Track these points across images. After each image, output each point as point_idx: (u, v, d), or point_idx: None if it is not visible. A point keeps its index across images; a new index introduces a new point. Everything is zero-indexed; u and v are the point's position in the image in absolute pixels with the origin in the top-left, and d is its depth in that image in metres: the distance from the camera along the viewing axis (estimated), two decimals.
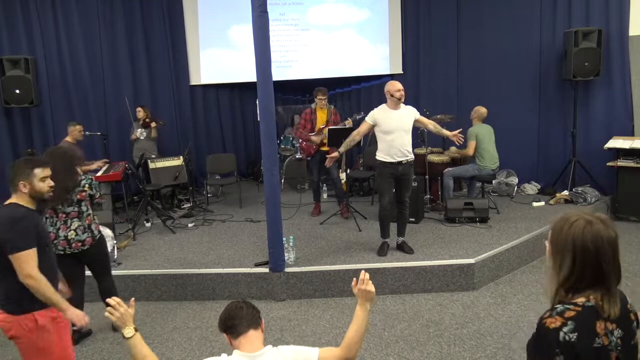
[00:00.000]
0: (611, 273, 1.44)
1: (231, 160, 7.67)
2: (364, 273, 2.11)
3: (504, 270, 4.93)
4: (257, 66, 4.32)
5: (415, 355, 3.62)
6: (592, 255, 1.42)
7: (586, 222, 1.45)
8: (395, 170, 4.74)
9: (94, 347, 3.90)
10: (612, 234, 1.45)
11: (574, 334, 1.38)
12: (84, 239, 3.76)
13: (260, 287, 4.64)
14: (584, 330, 1.39)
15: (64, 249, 3.73)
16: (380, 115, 4.74)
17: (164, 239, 5.75)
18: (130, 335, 1.95)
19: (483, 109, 6.25)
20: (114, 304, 1.96)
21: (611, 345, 1.43)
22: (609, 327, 1.44)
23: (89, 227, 3.80)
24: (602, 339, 1.41)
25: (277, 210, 4.51)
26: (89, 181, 3.80)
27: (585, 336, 1.39)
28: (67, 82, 7.27)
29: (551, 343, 1.39)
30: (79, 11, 7.25)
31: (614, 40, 6.58)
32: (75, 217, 3.74)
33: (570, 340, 1.38)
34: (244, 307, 2.01)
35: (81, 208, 3.76)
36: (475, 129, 6.15)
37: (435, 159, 6.46)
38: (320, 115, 6.18)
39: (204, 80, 8.25)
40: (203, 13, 8.08)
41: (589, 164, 6.67)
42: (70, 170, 3.66)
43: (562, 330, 1.38)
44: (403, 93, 4.70)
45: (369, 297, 2.09)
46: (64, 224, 3.73)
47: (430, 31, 7.78)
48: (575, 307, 1.42)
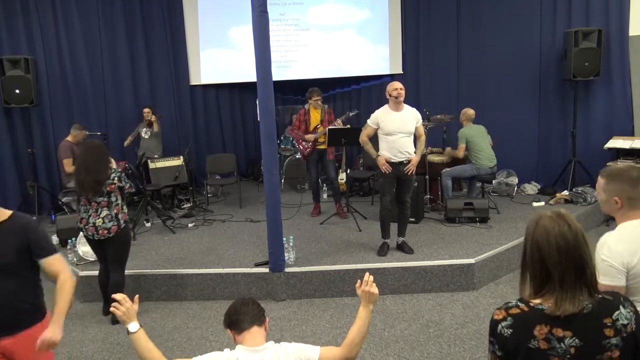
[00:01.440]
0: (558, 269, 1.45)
1: (231, 160, 7.67)
2: (368, 275, 2.11)
3: (504, 270, 4.93)
4: (257, 66, 4.31)
5: (415, 355, 3.62)
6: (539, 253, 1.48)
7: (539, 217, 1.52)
8: (396, 170, 4.73)
9: (94, 347, 3.90)
10: (564, 229, 1.46)
11: (509, 329, 1.47)
12: (109, 226, 4.07)
13: (260, 287, 4.64)
14: (520, 329, 1.46)
15: (92, 235, 4.09)
16: (381, 116, 4.71)
17: (164, 239, 5.75)
18: (135, 330, 2.02)
19: (470, 110, 6.29)
20: (120, 299, 2.04)
21: (554, 350, 1.43)
22: (557, 333, 1.44)
23: (116, 216, 4.11)
24: (539, 342, 1.44)
25: (277, 210, 4.51)
26: (118, 174, 4.12)
27: (519, 335, 1.45)
28: (67, 82, 7.27)
29: (491, 331, 1.52)
30: (79, 11, 7.25)
31: (614, 40, 6.58)
32: (105, 206, 4.08)
33: (503, 334, 1.47)
34: (249, 304, 2.06)
35: (110, 198, 4.09)
36: (465, 131, 6.17)
37: (435, 159, 6.47)
38: (314, 115, 6.18)
39: (204, 81, 8.25)
40: (203, 13, 8.08)
41: (589, 164, 6.67)
42: (103, 165, 4.04)
43: (500, 324, 1.48)
44: (401, 92, 4.63)
45: (372, 299, 2.09)
46: (95, 211, 4.07)
47: (430, 31, 7.78)
48: (524, 307, 1.48)
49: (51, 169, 7.15)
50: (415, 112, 4.80)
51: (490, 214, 5.83)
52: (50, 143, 7.14)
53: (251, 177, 8.67)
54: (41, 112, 7.07)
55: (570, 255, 1.45)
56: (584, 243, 1.47)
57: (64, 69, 7.23)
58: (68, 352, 3.84)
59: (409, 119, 4.71)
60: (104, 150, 4.17)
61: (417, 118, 4.78)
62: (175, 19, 8.00)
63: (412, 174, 4.79)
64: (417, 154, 4.80)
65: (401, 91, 4.63)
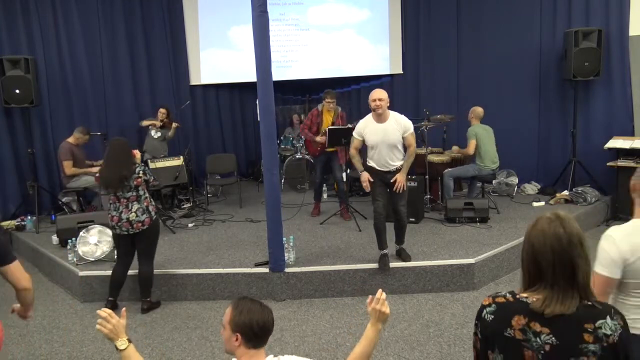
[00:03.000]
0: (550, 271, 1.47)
1: (231, 160, 7.67)
2: (381, 292, 1.95)
3: (504, 270, 4.93)
4: (257, 66, 4.32)
5: (415, 355, 3.62)
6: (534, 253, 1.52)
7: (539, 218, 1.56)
8: (383, 177, 4.50)
9: (94, 347, 3.90)
10: (559, 231, 1.48)
11: (491, 315, 1.57)
12: (143, 219, 4.21)
13: (260, 287, 4.64)
14: (500, 316, 1.55)
15: (127, 230, 4.20)
16: (364, 128, 4.46)
17: (164, 239, 5.73)
18: (124, 348, 1.89)
19: (479, 108, 6.26)
20: (106, 316, 1.89)
21: (528, 343, 1.49)
22: (534, 328, 1.48)
23: (147, 208, 4.25)
24: (514, 331, 1.51)
25: (277, 210, 4.51)
26: (142, 168, 4.25)
27: (498, 321, 1.54)
28: (67, 82, 7.26)
29: (477, 315, 1.62)
30: (79, 11, 7.25)
31: (614, 40, 6.58)
32: (134, 200, 4.21)
33: (486, 319, 1.58)
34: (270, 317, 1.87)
35: (139, 192, 4.23)
36: (475, 129, 6.16)
37: (435, 159, 6.46)
38: (326, 117, 6.15)
39: (204, 81, 8.25)
40: (203, 13, 8.08)
41: (589, 164, 6.67)
42: (127, 160, 4.19)
43: (485, 309, 1.59)
44: (379, 103, 4.27)
45: (382, 318, 1.94)
46: (125, 207, 4.19)
47: (430, 31, 7.78)
48: (509, 298, 1.57)
49: (51, 169, 7.14)
50: (403, 120, 4.42)
51: (490, 214, 5.83)
52: (50, 143, 7.14)
53: (251, 177, 8.67)
54: (41, 112, 7.07)
55: (562, 257, 1.47)
56: (578, 246, 1.48)
57: (64, 69, 7.23)
58: (68, 352, 3.84)
59: (392, 130, 4.37)
60: (127, 147, 4.30)
61: (405, 127, 4.40)
62: (175, 19, 8.00)
63: (403, 190, 4.48)
64: (403, 169, 4.48)
65: (380, 102, 4.28)
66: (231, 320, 1.81)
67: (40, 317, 4.45)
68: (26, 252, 5.90)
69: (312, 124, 6.17)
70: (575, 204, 6.34)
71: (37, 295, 4.89)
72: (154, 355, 3.77)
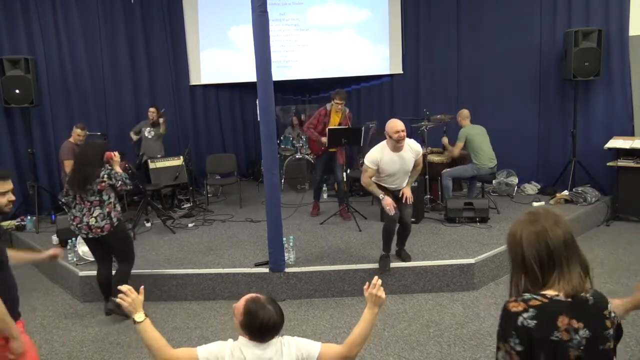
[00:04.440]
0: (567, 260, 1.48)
1: (231, 160, 7.67)
2: (377, 278, 2.13)
3: (504, 270, 4.92)
4: (257, 66, 4.31)
5: (415, 355, 3.62)
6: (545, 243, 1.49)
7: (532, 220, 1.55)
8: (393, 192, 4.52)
9: (94, 347, 3.90)
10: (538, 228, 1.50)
11: (532, 321, 1.43)
12: (102, 225, 4.07)
13: (260, 287, 4.63)
14: (544, 320, 1.43)
15: (86, 234, 4.11)
16: (381, 158, 4.33)
17: (164, 239, 5.75)
18: (141, 320, 2.10)
19: (465, 110, 6.33)
20: (126, 290, 2.13)
21: (572, 342, 1.44)
22: (574, 325, 1.45)
23: (108, 214, 4.10)
24: (561, 333, 1.43)
25: (277, 210, 4.51)
26: (107, 172, 4.07)
27: (544, 326, 1.42)
28: (67, 82, 7.26)
29: (509, 325, 1.45)
30: (79, 11, 7.25)
31: (614, 40, 6.58)
32: (97, 205, 4.07)
33: (527, 325, 1.43)
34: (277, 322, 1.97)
35: (102, 197, 4.08)
36: (466, 130, 6.17)
37: (435, 159, 6.46)
38: (334, 118, 6.11)
39: (204, 81, 8.25)
40: (203, 13, 8.08)
41: (589, 164, 6.67)
42: (94, 163, 4.03)
43: (521, 315, 1.44)
44: (402, 134, 4.22)
45: (378, 302, 2.09)
46: (88, 211, 4.07)
47: (430, 31, 7.78)
48: (542, 298, 1.47)
49: (51, 169, 7.15)
50: (415, 146, 4.43)
51: (490, 214, 5.83)
52: (50, 143, 7.14)
53: (251, 177, 8.67)
54: (41, 112, 7.07)
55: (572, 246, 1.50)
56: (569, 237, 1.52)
57: (64, 69, 7.23)
58: (68, 352, 3.84)
59: (408, 157, 4.38)
60: (99, 149, 4.14)
61: (417, 152, 4.43)
62: (175, 19, 8.00)
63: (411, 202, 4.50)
64: (408, 183, 4.52)
65: (403, 134, 4.23)
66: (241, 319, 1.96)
67: (40, 317, 4.45)
68: None
69: (318, 123, 6.12)
70: (575, 204, 6.34)
71: (38, 296, 4.91)
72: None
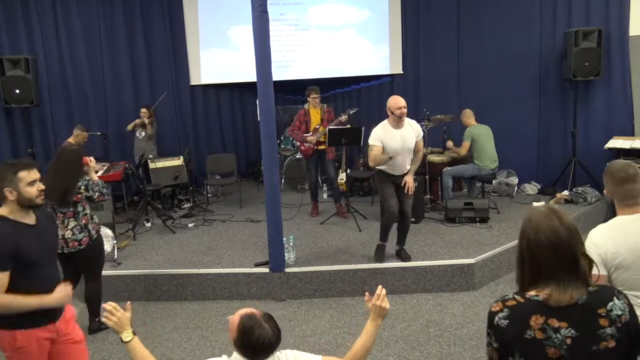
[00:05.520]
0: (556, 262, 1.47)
1: (231, 160, 7.67)
2: (381, 288, 2.03)
3: (504, 270, 4.93)
4: (257, 66, 4.32)
5: (415, 355, 3.62)
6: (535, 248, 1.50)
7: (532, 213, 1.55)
8: (395, 179, 4.57)
9: (93, 347, 3.90)
10: (556, 224, 1.49)
11: (505, 320, 1.50)
12: (80, 238, 3.83)
13: (260, 287, 4.64)
14: (516, 319, 1.49)
15: (61, 248, 3.77)
16: (384, 135, 4.42)
17: (164, 239, 5.75)
18: (129, 339, 1.95)
19: (468, 110, 6.34)
20: (111, 309, 1.95)
21: (550, 341, 1.46)
22: (552, 324, 1.46)
23: (85, 226, 3.85)
24: (534, 332, 1.47)
25: (277, 210, 4.51)
26: (84, 183, 3.81)
27: (515, 325, 1.48)
28: (67, 82, 7.26)
29: (488, 324, 1.55)
30: (79, 11, 7.25)
31: (614, 40, 6.58)
32: (71, 217, 3.80)
33: (500, 325, 1.50)
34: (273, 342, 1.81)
35: (77, 209, 3.82)
36: (473, 130, 6.16)
37: (435, 159, 6.46)
38: (314, 115, 6.17)
39: (204, 80, 8.24)
40: (203, 13, 8.07)
41: (589, 164, 6.67)
42: (76, 175, 3.77)
43: (497, 315, 1.52)
44: (404, 111, 4.37)
45: (382, 314, 2.00)
46: (61, 223, 3.77)
47: (431, 31, 7.77)
48: (520, 299, 1.52)
49: None
50: (416, 125, 4.56)
51: (491, 214, 5.83)
52: (50, 143, 7.14)
53: (251, 177, 8.66)
54: (41, 112, 7.07)
55: (562, 250, 1.48)
56: (576, 236, 1.50)
57: (64, 69, 7.23)
58: None
59: (409, 135, 4.46)
60: (78, 158, 3.82)
61: (418, 132, 4.53)
62: (175, 19, 7.99)
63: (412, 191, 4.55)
64: (410, 171, 4.56)
65: (404, 110, 4.38)
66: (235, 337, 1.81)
67: None
68: None
69: (300, 124, 6.17)
70: (575, 204, 6.34)
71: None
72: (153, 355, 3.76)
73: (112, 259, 4.94)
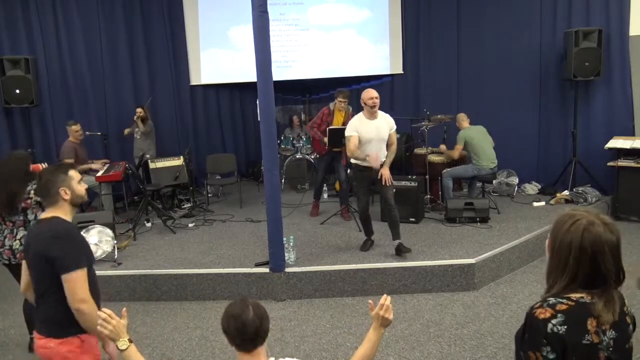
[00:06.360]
0: (608, 277, 1.41)
1: (231, 160, 7.67)
2: (386, 297, 1.95)
3: (505, 270, 4.93)
4: (257, 66, 4.31)
5: (415, 355, 3.61)
6: (588, 257, 1.40)
7: (588, 223, 1.43)
8: (369, 173, 4.80)
9: None
10: (613, 239, 1.43)
11: (563, 326, 1.38)
12: None
13: (261, 287, 4.63)
14: (574, 324, 1.39)
15: (9, 259, 3.55)
16: (359, 125, 4.74)
17: (164, 239, 5.75)
18: (125, 348, 1.89)
19: (461, 114, 6.37)
20: (105, 317, 1.89)
21: (602, 344, 1.41)
22: (602, 327, 1.42)
23: None
24: (592, 336, 1.39)
25: (277, 210, 4.51)
26: (34, 187, 3.45)
27: (575, 331, 1.38)
28: (67, 82, 7.26)
29: (539, 333, 1.39)
30: (79, 11, 7.25)
31: (614, 40, 6.58)
32: (21, 226, 3.53)
33: (558, 332, 1.38)
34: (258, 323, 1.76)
35: (27, 217, 3.55)
36: (465, 132, 6.16)
37: (435, 159, 6.46)
38: (337, 117, 6.11)
39: (204, 80, 8.25)
40: (203, 13, 8.08)
41: (590, 164, 6.67)
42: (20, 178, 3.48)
43: (551, 322, 1.39)
44: (376, 101, 4.69)
45: (385, 324, 1.95)
46: (10, 232, 3.53)
47: (430, 31, 7.77)
48: (569, 302, 1.42)
49: None
50: (389, 118, 4.87)
51: (491, 214, 5.82)
52: (50, 143, 7.14)
53: (251, 177, 8.66)
54: (41, 112, 7.07)
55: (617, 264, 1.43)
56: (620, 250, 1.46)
57: (64, 69, 7.23)
58: None
59: (383, 126, 4.77)
60: (24, 162, 3.59)
61: (391, 125, 4.85)
62: (176, 19, 7.99)
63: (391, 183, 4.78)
64: (385, 164, 4.78)
65: (376, 100, 4.70)
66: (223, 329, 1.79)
67: None
68: None
69: (322, 123, 6.13)
70: (575, 203, 6.34)
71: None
72: (154, 355, 3.77)
73: (112, 259, 4.94)
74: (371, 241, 5.09)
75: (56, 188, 2.28)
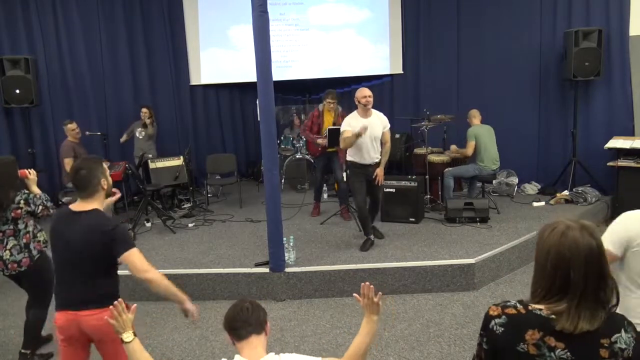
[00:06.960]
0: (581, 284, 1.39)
1: (231, 160, 7.67)
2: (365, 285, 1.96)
3: (505, 270, 4.93)
4: (257, 66, 4.31)
5: (415, 355, 3.62)
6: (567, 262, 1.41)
7: (566, 227, 1.45)
8: (365, 171, 4.96)
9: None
10: (593, 243, 1.41)
11: (501, 328, 1.47)
12: (19, 259, 3.45)
13: (260, 287, 4.64)
14: (511, 330, 1.45)
15: (1, 270, 3.49)
16: (353, 122, 4.85)
17: (164, 239, 5.75)
18: (130, 340, 2.02)
19: (474, 110, 6.35)
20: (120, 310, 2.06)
21: (543, 358, 1.41)
22: (549, 342, 1.41)
23: (26, 246, 3.48)
24: (527, 346, 1.43)
25: (277, 210, 4.51)
26: (24, 196, 3.40)
27: (509, 336, 1.45)
28: (67, 82, 7.27)
29: (484, 325, 1.52)
30: (79, 11, 7.26)
31: (614, 40, 6.58)
32: (11, 235, 3.45)
33: (495, 331, 1.48)
34: (249, 309, 1.92)
35: (17, 226, 3.46)
36: (475, 129, 6.15)
37: (435, 159, 6.46)
38: (327, 118, 6.14)
39: (204, 80, 8.25)
40: (203, 13, 8.08)
41: (589, 164, 6.67)
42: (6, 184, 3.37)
43: (494, 320, 1.49)
44: (369, 99, 4.83)
45: (375, 310, 1.96)
46: (0, 242, 3.44)
47: (430, 31, 7.78)
48: (521, 309, 1.47)
49: (51, 169, 7.14)
50: (383, 117, 5.01)
51: (491, 214, 5.82)
52: (50, 143, 7.14)
53: (251, 177, 8.67)
54: (41, 112, 7.07)
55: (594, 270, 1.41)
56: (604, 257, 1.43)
57: (64, 69, 7.23)
58: None
59: (376, 124, 4.89)
60: (11, 169, 3.45)
61: (385, 123, 4.98)
62: (176, 19, 8.00)
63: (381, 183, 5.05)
64: (381, 164, 5.02)
65: (370, 99, 4.84)
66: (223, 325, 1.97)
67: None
68: None
69: (312, 125, 6.18)
70: (575, 203, 6.34)
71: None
72: (154, 355, 3.74)
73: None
74: (371, 241, 5.09)
75: (97, 179, 2.39)
